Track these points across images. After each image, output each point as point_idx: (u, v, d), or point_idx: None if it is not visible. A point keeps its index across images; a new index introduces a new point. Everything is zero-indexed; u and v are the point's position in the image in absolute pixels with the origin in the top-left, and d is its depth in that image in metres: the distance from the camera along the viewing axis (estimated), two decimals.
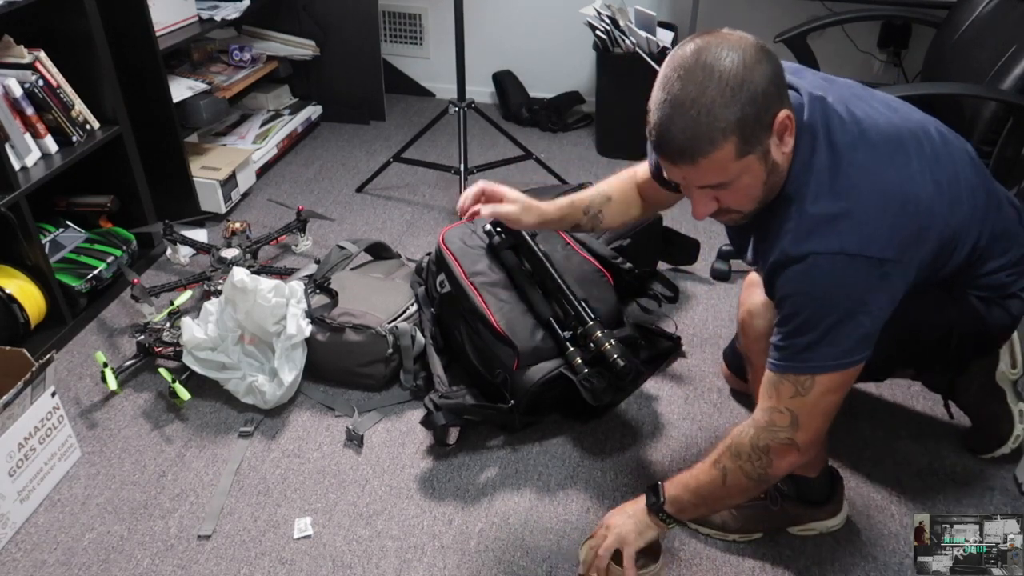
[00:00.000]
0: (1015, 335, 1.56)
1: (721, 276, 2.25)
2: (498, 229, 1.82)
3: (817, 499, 1.49)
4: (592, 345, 1.63)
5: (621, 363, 1.59)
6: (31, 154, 1.96)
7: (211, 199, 2.54)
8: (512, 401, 1.66)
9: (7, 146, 1.88)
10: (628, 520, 1.32)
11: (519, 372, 1.66)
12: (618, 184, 1.52)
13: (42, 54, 1.98)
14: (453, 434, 1.71)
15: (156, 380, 1.89)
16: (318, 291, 1.93)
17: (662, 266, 2.22)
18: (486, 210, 1.42)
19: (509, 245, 1.79)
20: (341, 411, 1.82)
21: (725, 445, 1.23)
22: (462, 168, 2.47)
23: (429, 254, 1.94)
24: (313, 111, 3.17)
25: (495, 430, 1.76)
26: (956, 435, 1.74)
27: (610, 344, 1.60)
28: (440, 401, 1.67)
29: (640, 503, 1.33)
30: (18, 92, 1.91)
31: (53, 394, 1.62)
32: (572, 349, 1.65)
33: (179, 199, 2.49)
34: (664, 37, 2.70)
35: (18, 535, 1.54)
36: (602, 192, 1.51)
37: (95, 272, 2.12)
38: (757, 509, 1.49)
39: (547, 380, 1.64)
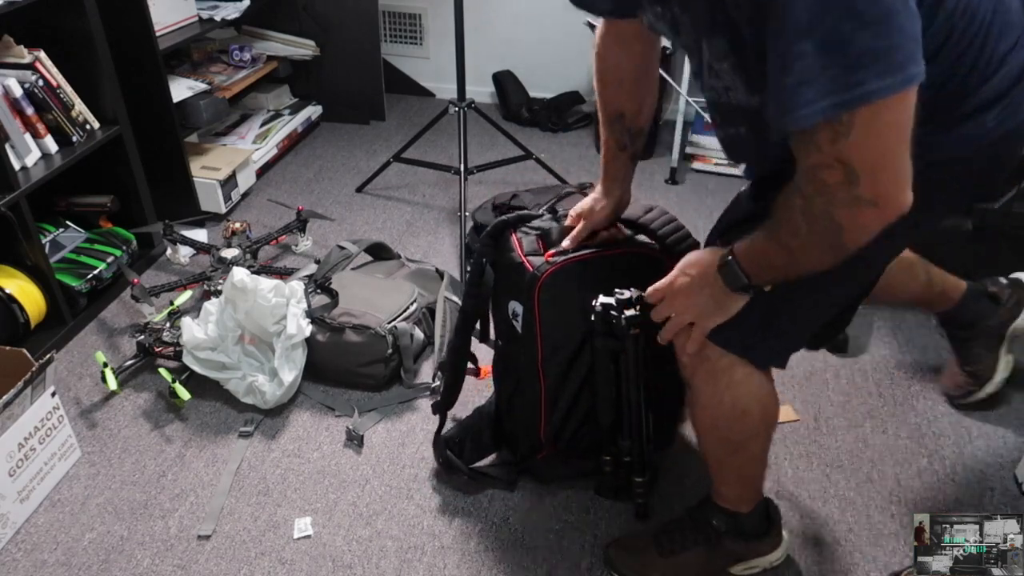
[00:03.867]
0: None
1: None
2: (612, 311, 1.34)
3: (755, 532, 1.40)
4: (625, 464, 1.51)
5: (639, 502, 1.53)
6: (31, 154, 1.96)
7: (211, 199, 2.54)
8: (519, 461, 1.61)
9: (7, 146, 1.88)
10: (706, 298, 1.12)
11: (541, 462, 1.59)
12: (611, 99, 1.35)
13: (42, 54, 1.98)
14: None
15: (156, 380, 1.89)
16: (318, 291, 1.93)
17: None
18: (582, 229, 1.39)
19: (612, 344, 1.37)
20: (341, 411, 1.82)
21: (777, 221, 1.00)
22: (462, 168, 2.47)
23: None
24: (313, 111, 3.17)
25: None
26: (956, 435, 1.74)
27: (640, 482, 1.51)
28: (454, 455, 1.61)
29: (715, 281, 1.10)
30: (18, 92, 1.91)
31: (53, 394, 1.62)
32: (608, 459, 1.53)
33: (179, 199, 2.49)
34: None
35: (18, 535, 1.54)
36: (612, 113, 1.36)
37: (95, 272, 2.12)
38: (695, 557, 1.39)
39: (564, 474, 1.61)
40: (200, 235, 2.44)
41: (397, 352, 1.84)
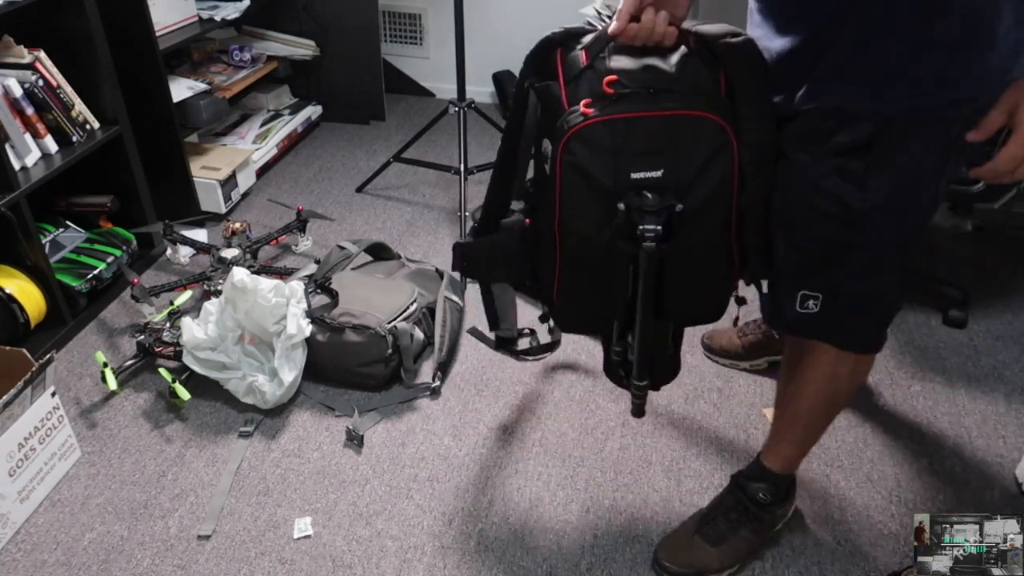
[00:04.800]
0: None
1: None
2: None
3: (789, 492, 1.50)
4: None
5: (636, 402, 1.38)
6: (31, 154, 1.96)
7: (211, 199, 2.54)
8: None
9: (7, 146, 1.87)
10: None
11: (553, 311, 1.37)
12: None
13: (42, 54, 1.98)
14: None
15: (156, 380, 1.89)
16: (318, 291, 1.93)
17: None
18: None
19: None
20: (341, 411, 1.82)
21: None
22: (462, 168, 2.47)
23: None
24: (313, 111, 3.17)
25: (495, 429, 1.76)
26: (956, 435, 1.74)
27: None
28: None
29: None
30: (18, 92, 1.91)
31: (53, 394, 1.62)
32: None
33: (179, 199, 2.49)
34: None
35: (18, 535, 1.54)
36: None
37: (95, 272, 2.12)
38: (746, 535, 1.46)
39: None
40: (200, 235, 2.44)
41: (397, 352, 1.84)
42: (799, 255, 1.17)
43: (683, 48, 1.11)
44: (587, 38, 1.18)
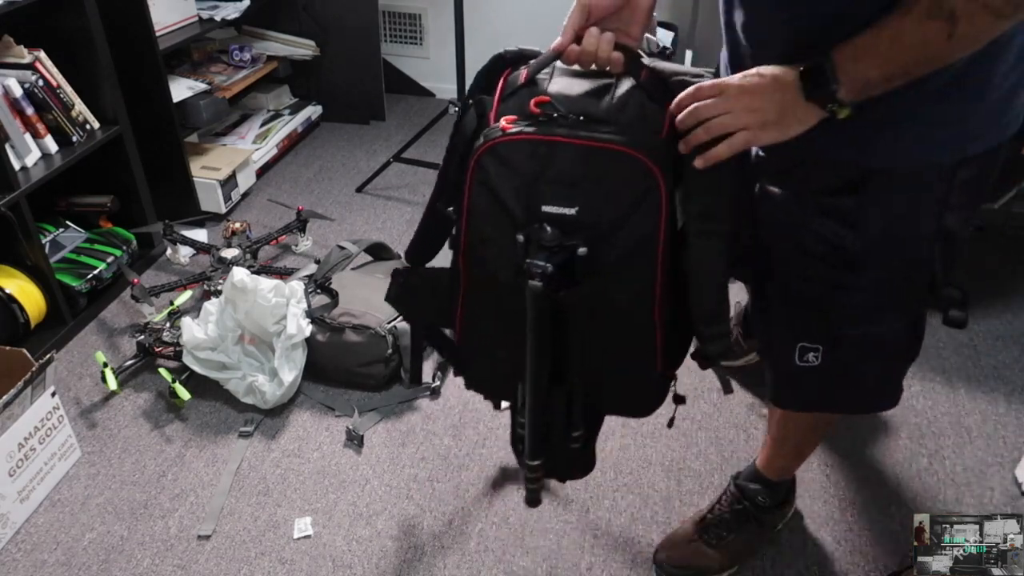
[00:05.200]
0: None
1: None
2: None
3: (787, 496, 1.52)
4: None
5: (529, 487, 1.17)
6: (31, 154, 1.96)
7: (211, 199, 2.54)
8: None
9: (7, 146, 1.87)
10: (774, 104, 0.89)
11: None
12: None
13: (42, 54, 1.98)
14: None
15: (156, 380, 1.89)
16: (318, 291, 1.93)
17: None
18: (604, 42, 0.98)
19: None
20: (341, 411, 1.82)
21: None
22: None
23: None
24: (313, 111, 3.17)
25: (495, 429, 1.76)
26: (956, 435, 1.74)
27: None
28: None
29: (791, 86, 0.88)
30: (18, 92, 1.91)
31: (53, 394, 1.62)
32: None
33: (179, 199, 2.49)
34: (664, 37, 2.70)
35: (18, 535, 1.54)
36: None
37: (95, 272, 2.11)
38: (746, 538, 1.47)
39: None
40: (200, 235, 2.44)
41: (397, 352, 1.84)
42: (793, 302, 1.08)
43: (631, 80, 0.98)
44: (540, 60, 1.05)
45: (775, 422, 1.39)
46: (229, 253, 2.24)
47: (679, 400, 1.15)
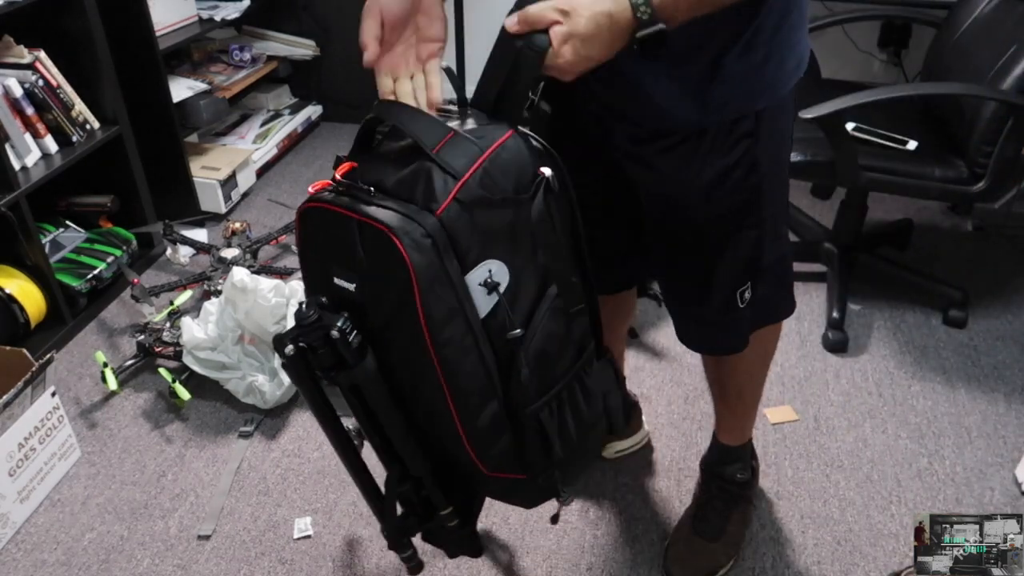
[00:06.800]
0: None
1: None
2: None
3: (754, 459, 1.55)
4: None
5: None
6: (31, 154, 1.96)
7: (211, 199, 2.54)
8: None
9: (7, 146, 1.88)
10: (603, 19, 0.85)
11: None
12: None
13: (42, 54, 1.98)
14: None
15: (156, 380, 1.89)
16: None
17: None
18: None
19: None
20: (341, 411, 1.82)
21: None
22: None
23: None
24: (313, 111, 3.17)
25: None
26: (956, 435, 1.74)
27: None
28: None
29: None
30: (18, 92, 1.91)
31: (53, 394, 1.62)
32: None
33: (179, 199, 2.49)
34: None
35: (18, 535, 1.54)
36: None
37: (95, 272, 2.12)
38: (738, 521, 1.49)
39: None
40: (200, 235, 2.44)
41: None
42: (716, 258, 1.14)
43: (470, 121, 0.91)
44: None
45: (720, 378, 1.41)
46: (229, 253, 2.24)
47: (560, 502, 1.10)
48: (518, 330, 0.90)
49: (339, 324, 0.89)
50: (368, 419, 1.03)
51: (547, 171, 0.89)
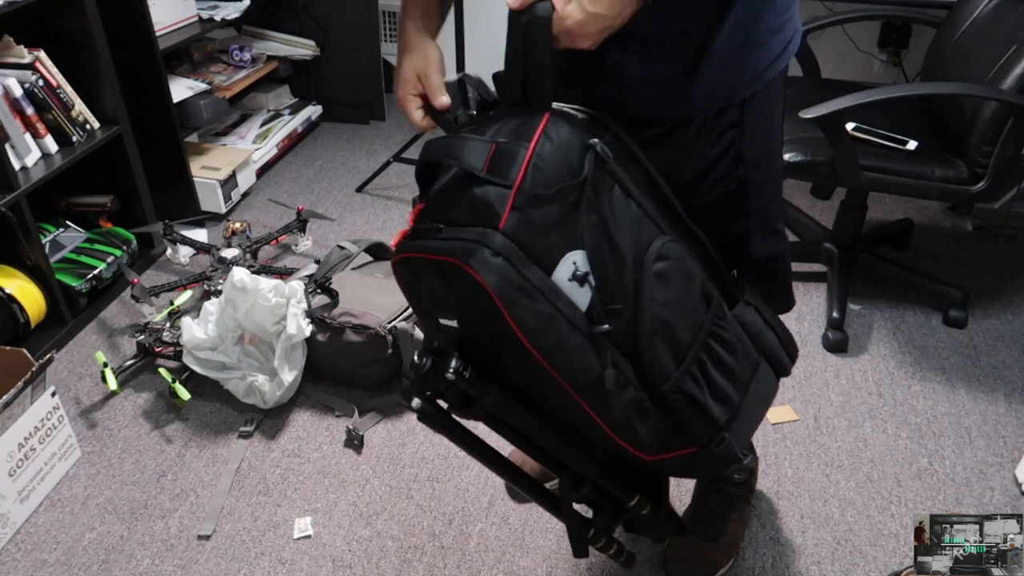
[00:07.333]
0: None
1: None
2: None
3: (753, 461, 1.53)
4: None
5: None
6: (31, 154, 1.96)
7: (211, 199, 2.54)
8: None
9: (7, 146, 1.88)
10: None
11: None
12: None
13: (42, 54, 1.98)
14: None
15: (156, 380, 1.89)
16: (318, 291, 1.93)
17: None
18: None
19: None
20: (341, 411, 1.82)
21: None
22: None
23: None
24: (313, 111, 3.17)
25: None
26: (956, 435, 1.74)
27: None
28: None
29: None
30: (18, 92, 1.91)
31: (53, 394, 1.62)
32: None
33: (179, 199, 2.49)
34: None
35: (18, 535, 1.54)
36: None
37: (95, 272, 2.11)
38: (736, 521, 1.49)
39: None
40: (200, 235, 2.44)
41: (397, 352, 1.84)
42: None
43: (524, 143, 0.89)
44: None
45: None
46: (229, 253, 2.24)
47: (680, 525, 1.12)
48: (618, 306, 0.89)
49: (453, 365, 0.90)
50: (519, 438, 1.03)
51: (594, 141, 0.87)
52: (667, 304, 0.93)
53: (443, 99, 0.95)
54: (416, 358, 0.93)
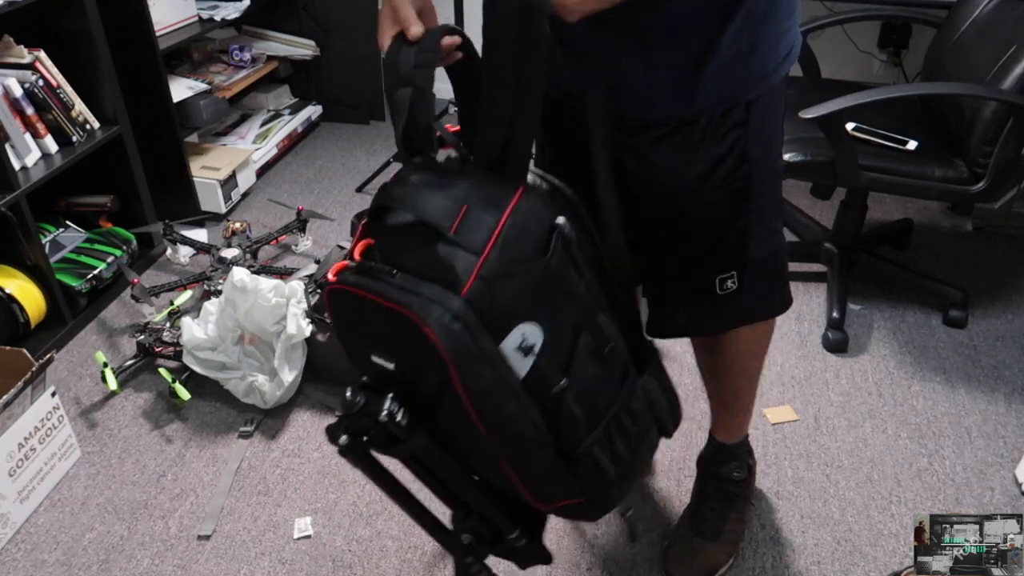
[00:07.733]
0: None
1: None
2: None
3: (751, 455, 1.55)
4: None
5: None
6: (31, 154, 1.96)
7: (211, 199, 2.54)
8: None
9: (7, 146, 1.88)
10: None
11: None
12: None
13: (42, 54, 1.98)
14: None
15: (156, 380, 1.89)
16: (318, 291, 1.93)
17: None
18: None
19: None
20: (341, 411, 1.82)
21: None
22: None
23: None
24: (313, 111, 3.17)
25: None
26: (956, 435, 1.74)
27: None
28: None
29: None
30: (18, 92, 1.91)
31: (53, 394, 1.62)
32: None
33: (179, 199, 2.49)
34: None
35: (18, 535, 1.54)
36: None
37: (95, 272, 2.12)
38: (736, 518, 1.49)
39: None
40: (200, 235, 2.44)
41: None
42: (699, 244, 1.15)
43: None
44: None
45: (716, 376, 1.41)
46: (229, 253, 2.24)
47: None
48: (563, 380, 0.90)
49: (387, 407, 0.90)
50: (428, 473, 1.05)
51: (561, 220, 0.88)
52: (593, 379, 0.95)
53: (416, 28, 0.91)
54: (348, 394, 0.92)
